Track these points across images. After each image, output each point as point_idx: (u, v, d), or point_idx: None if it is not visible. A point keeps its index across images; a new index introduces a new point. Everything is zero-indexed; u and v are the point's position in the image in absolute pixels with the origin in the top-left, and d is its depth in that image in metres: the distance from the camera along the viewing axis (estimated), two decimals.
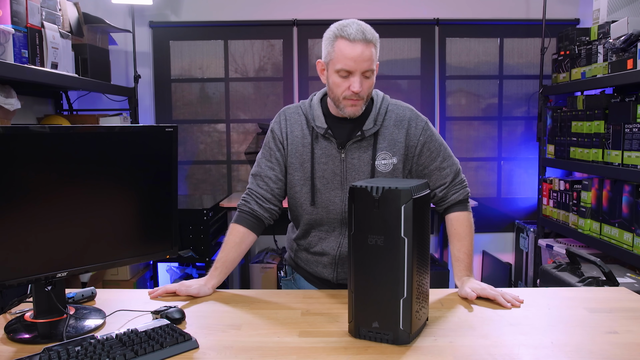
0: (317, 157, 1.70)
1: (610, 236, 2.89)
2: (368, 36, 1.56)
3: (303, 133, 1.72)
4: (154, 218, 1.56)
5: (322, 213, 1.72)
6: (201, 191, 4.23)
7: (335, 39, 1.58)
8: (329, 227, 1.73)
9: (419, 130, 1.71)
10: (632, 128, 2.68)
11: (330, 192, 1.70)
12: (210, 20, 4.06)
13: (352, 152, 1.68)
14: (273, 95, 4.15)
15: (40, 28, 2.60)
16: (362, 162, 1.68)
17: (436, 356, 1.21)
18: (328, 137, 1.69)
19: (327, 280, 1.77)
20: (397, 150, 1.69)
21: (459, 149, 4.17)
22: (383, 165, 1.68)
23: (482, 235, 4.19)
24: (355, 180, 1.66)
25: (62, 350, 1.15)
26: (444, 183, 1.73)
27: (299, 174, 1.72)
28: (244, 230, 1.71)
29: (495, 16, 4.05)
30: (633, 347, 1.26)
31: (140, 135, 1.52)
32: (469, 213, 1.75)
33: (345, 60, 1.56)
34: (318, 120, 1.69)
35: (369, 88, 1.63)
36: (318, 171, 1.70)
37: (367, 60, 1.56)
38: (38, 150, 1.30)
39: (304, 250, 1.80)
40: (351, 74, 1.58)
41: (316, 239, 1.75)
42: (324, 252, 1.74)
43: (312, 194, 1.71)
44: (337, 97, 1.63)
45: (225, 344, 1.28)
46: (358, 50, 1.55)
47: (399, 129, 1.70)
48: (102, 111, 3.74)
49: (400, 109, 1.73)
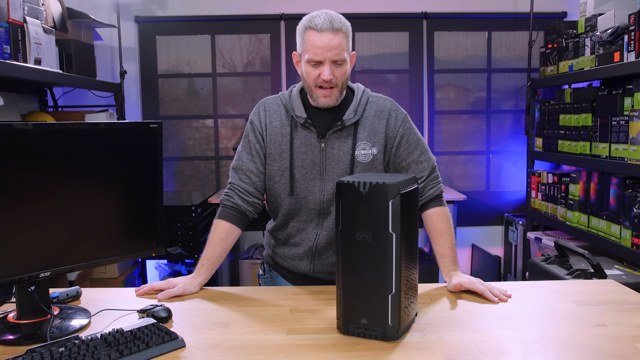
0: (296, 147, 1.69)
1: (598, 228, 2.91)
2: (336, 25, 1.58)
3: (282, 123, 1.72)
4: (140, 215, 1.53)
5: (300, 203, 1.71)
6: (190, 187, 4.20)
7: (305, 30, 1.62)
8: (307, 218, 1.72)
9: (399, 122, 1.72)
10: (619, 121, 2.69)
11: (309, 182, 1.69)
12: (197, 15, 4.02)
13: (332, 142, 1.68)
14: (261, 90, 4.12)
15: (22, 23, 2.55)
16: (342, 151, 1.68)
17: (425, 352, 1.21)
18: (308, 127, 1.69)
19: (304, 274, 1.76)
20: (377, 141, 1.69)
21: (447, 143, 4.18)
22: (363, 155, 1.68)
23: (471, 228, 4.20)
24: (334, 170, 1.68)
25: (46, 351, 1.13)
26: (421, 177, 1.72)
27: (278, 164, 1.71)
28: (229, 225, 1.70)
29: (483, 9, 4.05)
30: (621, 339, 1.26)
31: (125, 132, 1.50)
32: (446, 208, 1.75)
33: (314, 50, 1.59)
34: (298, 109, 1.69)
35: (342, 76, 1.63)
36: (297, 161, 1.69)
37: (335, 48, 1.58)
38: (21, 147, 1.27)
39: (281, 244, 1.79)
40: (321, 63, 1.60)
41: (294, 230, 1.74)
42: (301, 243, 1.73)
43: (290, 183, 1.70)
44: (310, 86, 1.65)
45: (213, 343, 1.26)
46: (325, 40, 1.57)
47: (379, 119, 1.71)
48: (88, 107, 3.70)
49: (380, 100, 1.75)
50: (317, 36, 1.58)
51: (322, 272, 1.75)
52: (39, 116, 3.26)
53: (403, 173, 1.72)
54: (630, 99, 2.65)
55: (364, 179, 1.26)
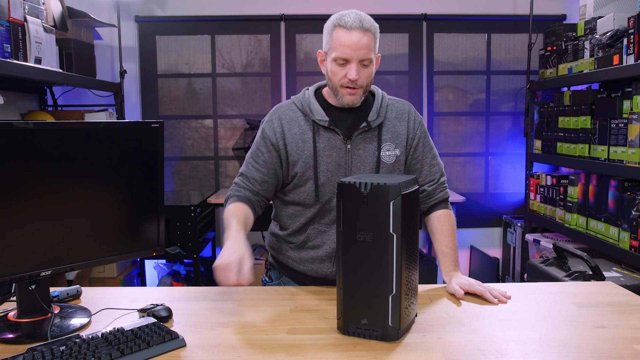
0: (319, 150, 1.66)
1: (597, 231, 2.91)
2: (366, 25, 1.58)
3: (301, 129, 1.68)
4: (140, 215, 1.53)
5: (324, 207, 1.68)
6: (188, 187, 4.20)
7: (333, 28, 1.60)
8: (330, 220, 1.69)
9: (417, 124, 1.74)
10: (618, 123, 2.70)
11: (334, 185, 1.65)
12: (197, 15, 4.02)
13: (358, 143, 1.67)
14: (260, 90, 4.13)
15: (23, 22, 2.55)
16: (368, 153, 1.67)
17: (425, 352, 1.21)
18: (332, 129, 1.67)
19: (325, 277, 1.71)
20: (400, 142, 1.70)
21: (446, 145, 4.19)
22: (387, 156, 1.68)
23: (470, 230, 4.20)
24: (360, 171, 1.66)
25: (47, 350, 1.13)
26: (433, 180, 1.74)
27: (301, 170, 1.67)
28: (244, 205, 1.63)
29: (483, 12, 4.06)
30: (620, 341, 1.26)
31: (126, 131, 1.49)
32: (452, 211, 1.77)
33: (342, 48, 1.57)
34: (317, 113, 1.67)
35: (368, 77, 1.63)
36: (322, 164, 1.66)
37: (363, 48, 1.57)
38: (21, 146, 1.27)
39: (297, 247, 1.74)
40: (348, 62, 1.59)
41: (315, 233, 1.70)
42: (323, 245, 1.69)
43: (315, 189, 1.67)
44: (335, 85, 1.63)
45: (213, 342, 1.27)
46: (355, 38, 1.56)
47: (400, 121, 1.72)
48: (87, 107, 3.70)
49: (399, 103, 1.77)
50: (346, 34, 1.56)
51: None
52: (38, 115, 3.26)
53: (414, 174, 1.72)
54: (629, 101, 2.66)
55: (365, 179, 1.27)
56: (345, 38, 1.56)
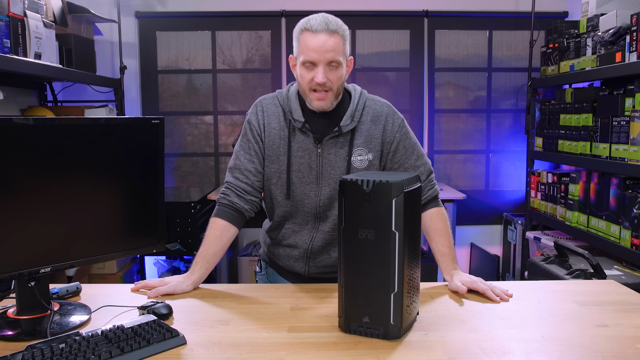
0: (293, 151, 1.68)
1: (598, 229, 2.91)
2: (332, 27, 1.56)
3: (280, 125, 1.70)
4: (140, 212, 1.53)
5: (296, 206, 1.70)
6: (188, 184, 4.19)
7: (300, 32, 1.60)
8: (303, 220, 1.72)
9: (396, 127, 1.71)
10: (619, 121, 2.69)
11: (305, 186, 1.68)
12: (197, 11, 4.00)
13: (329, 148, 1.67)
14: (261, 87, 4.11)
15: (22, 17, 2.54)
16: (338, 157, 1.67)
17: (427, 351, 1.21)
18: (305, 131, 1.67)
19: (299, 274, 1.76)
20: (374, 146, 1.69)
21: (447, 141, 4.18)
22: (359, 161, 1.67)
23: (470, 227, 4.20)
24: (331, 175, 1.67)
25: (46, 347, 1.13)
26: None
27: (275, 166, 1.70)
28: (224, 223, 1.68)
29: (485, 8, 4.04)
30: (623, 340, 1.26)
31: (126, 127, 1.49)
32: (443, 208, 1.76)
33: (309, 52, 1.56)
34: (295, 113, 1.67)
35: (337, 80, 1.61)
36: (294, 164, 1.68)
37: (330, 50, 1.56)
38: (21, 142, 1.26)
39: (276, 244, 1.79)
40: (315, 65, 1.58)
41: (289, 232, 1.74)
42: (296, 245, 1.73)
43: (287, 186, 1.69)
44: (304, 90, 1.62)
45: (214, 340, 1.26)
46: (320, 41, 1.55)
47: (375, 124, 1.70)
48: (87, 102, 3.69)
49: (377, 104, 1.73)
50: (312, 37, 1.56)
51: (317, 273, 1.75)
52: (38, 111, 3.25)
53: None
54: (632, 99, 2.65)
55: (367, 177, 1.26)
56: (311, 41, 1.56)
